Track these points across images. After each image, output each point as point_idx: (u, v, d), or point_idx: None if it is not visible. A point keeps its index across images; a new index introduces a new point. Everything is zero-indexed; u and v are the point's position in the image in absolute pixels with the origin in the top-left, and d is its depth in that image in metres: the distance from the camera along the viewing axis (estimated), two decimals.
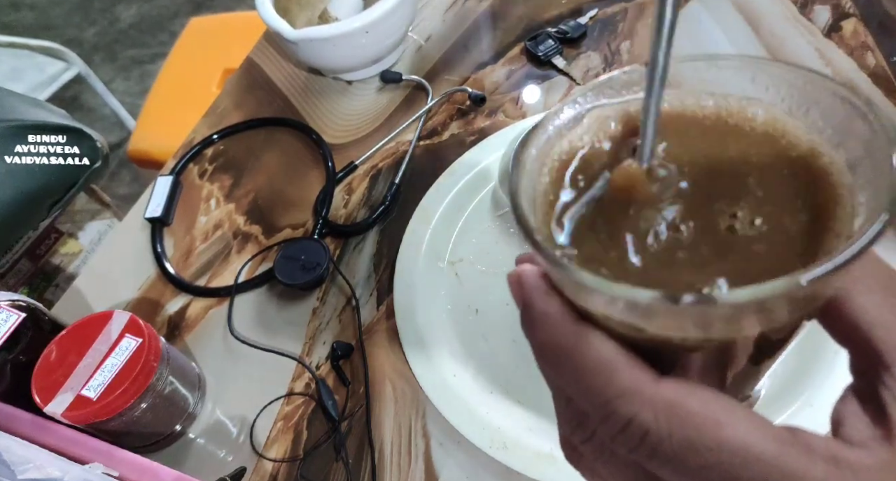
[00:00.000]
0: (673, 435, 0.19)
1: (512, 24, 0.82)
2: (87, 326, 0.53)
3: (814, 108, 0.22)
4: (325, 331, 0.61)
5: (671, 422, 0.19)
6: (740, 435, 0.18)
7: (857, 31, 0.71)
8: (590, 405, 0.21)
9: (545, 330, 0.21)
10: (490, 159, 0.67)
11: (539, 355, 0.22)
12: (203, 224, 0.71)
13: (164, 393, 0.53)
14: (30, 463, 0.43)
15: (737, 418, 0.19)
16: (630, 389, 0.20)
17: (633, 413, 0.19)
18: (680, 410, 0.19)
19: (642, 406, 0.19)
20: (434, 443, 0.53)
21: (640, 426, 0.19)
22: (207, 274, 0.67)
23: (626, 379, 0.20)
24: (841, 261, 0.17)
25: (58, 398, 0.50)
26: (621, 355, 0.20)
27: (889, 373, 0.19)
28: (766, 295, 0.17)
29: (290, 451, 0.55)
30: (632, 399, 0.19)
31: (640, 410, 0.19)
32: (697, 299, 0.17)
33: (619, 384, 0.20)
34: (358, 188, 0.70)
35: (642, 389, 0.19)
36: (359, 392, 0.56)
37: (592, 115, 0.24)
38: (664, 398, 0.19)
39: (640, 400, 0.19)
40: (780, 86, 0.23)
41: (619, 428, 0.20)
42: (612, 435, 0.20)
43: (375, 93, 0.79)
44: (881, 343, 0.20)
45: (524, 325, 0.22)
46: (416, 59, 0.81)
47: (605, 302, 0.20)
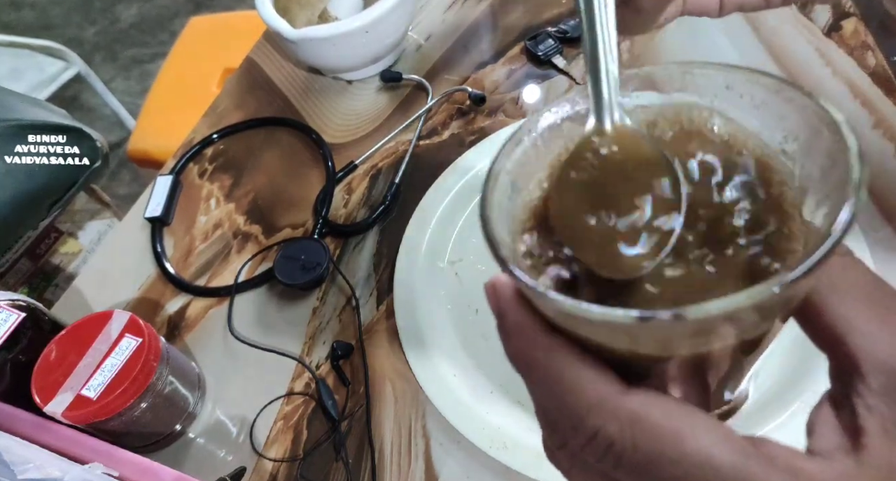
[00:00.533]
0: (637, 447, 0.19)
1: (512, 24, 0.82)
2: (87, 326, 0.53)
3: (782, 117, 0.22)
4: (325, 331, 0.61)
5: (635, 435, 0.19)
6: (702, 446, 0.19)
7: (857, 30, 0.71)
8: (560, 415, 0.21)
9: (518, 341, 0.22)
10: (490, 159, 0.66)
11: (514, 365, 0.23)
12: (203, 224, 0.71)
13: (164, 392, 0.53)
14: (30, 463, 0.43)
15: (700, 430, 0.19)
16: (597, 402, 0.20)
17: (599, 425, 0.20)
18: (644, 423, 0.19)
19: (607, 418, 0.20)
20: (434, 443, 0.53)
21: (606, 438, 0.20)
22: (207, 273, 0.67)
23: (593, 392, 0.20)
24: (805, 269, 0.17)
25: (58, 398, 0.50)
26: (590, 368, 0.20)
27: (864, 382, 0.19)
28: (732, 308, 0.17)
29: (289, 451, 0.55)
30: (598, 412, 0.20)
31: (606, 423, 0.20)
32: (666, 317, 0.17)
33: (587, 397, 0.20)
34: (358, 188, 0.70)
35: (608, 401, 0.20)
36: (359, 392, 0.56)
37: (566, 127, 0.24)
38: (629, 410, 0.20)
39: (605, 413, 0.20)
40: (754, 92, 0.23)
41: (586, 440, 0.20)
42: (581, 446, 0.21)
43: (375, 92, 0.79)
44: (858, 351, 0.20)
45: (500, 335, 0.23)
46: (415, 58, 0.81)
47: (575, 319, 0.20)
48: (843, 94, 0.66)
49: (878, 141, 0.62)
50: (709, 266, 0.21)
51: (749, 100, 0.22)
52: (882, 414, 0.19)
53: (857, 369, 0.20)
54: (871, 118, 0.63)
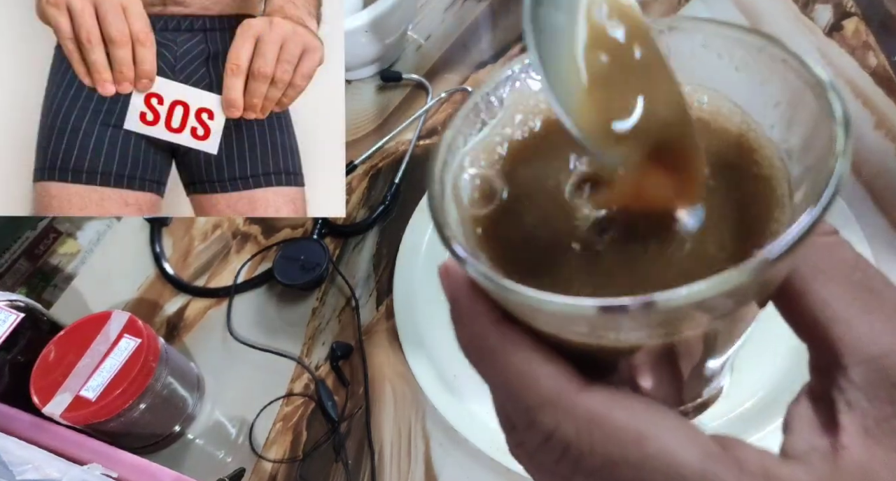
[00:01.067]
0: (594, 450, 0.18)
1: (512, 23, 0.81)
2: (86, 326, 0.53)
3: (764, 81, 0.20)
4: (324, 332, 0.61)
5: (593, 437, 0.18)
6: (666, 449, 0.17)
7: (858, 30, 0.71)
8: (513, 410, 0.20)
9: (469, 329, 0.20)
10: None
11: (465, 353, 0.21)
12: (202, 224, 0.71)
13: (163, 393, 0.53)
14: (28, 463, 0.42)
15: (663, 430, 0.18)
16: (551, 399, 0.18)
17: (554, 425, 0.18)
18: (603, 424, 0.18)
19: (564, 418, 0.18)
20: (434, 444, 0.53)
21: (561, 439, 0.18)
22: (206, 274, 0.67)
23: (547, 388, 0.18)
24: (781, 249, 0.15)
25: (56, 398, 0.50)
26: (545, 360, 0.19)
27: (845, 375, 0.18)
28: (705, 294, 0.15)
29: (289, 452, 0.55)
30: (553, 410, 0.18)
31: (561, 422, 0.18)
32: (633, 305, 0.16)
33: (541, 392, 0.18)
34: (357, 188, 0.70)
35: (563, 399, 0.18)
36: (358, 392, 0.56)
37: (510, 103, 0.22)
38: (587, 410, 0.18)
39: (561, 412, 0.18)
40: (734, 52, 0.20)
41: (541, 440, 0.19)
42: (536, 445, 0.19)
43: (375, 92, 0.79)
44: (839, 341, 0.18)
45: (452, 321, 0.21)
46: (415, 58, 0.81)
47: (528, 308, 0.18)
48: (844, 94, 0.65)
49: (879, 141, 0.62)
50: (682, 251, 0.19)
51: (728, 61, 0.20)
52: (863, 410, 0.17)
53: (839, 360, 0.18)
54: (873, 118, 0.63)
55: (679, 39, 0.21)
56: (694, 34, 0.21)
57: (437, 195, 0.20)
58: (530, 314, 0.19)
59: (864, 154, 0.61)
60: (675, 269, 0.18)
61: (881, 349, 0.17)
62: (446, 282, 0.21)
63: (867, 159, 0.61)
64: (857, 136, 0.63)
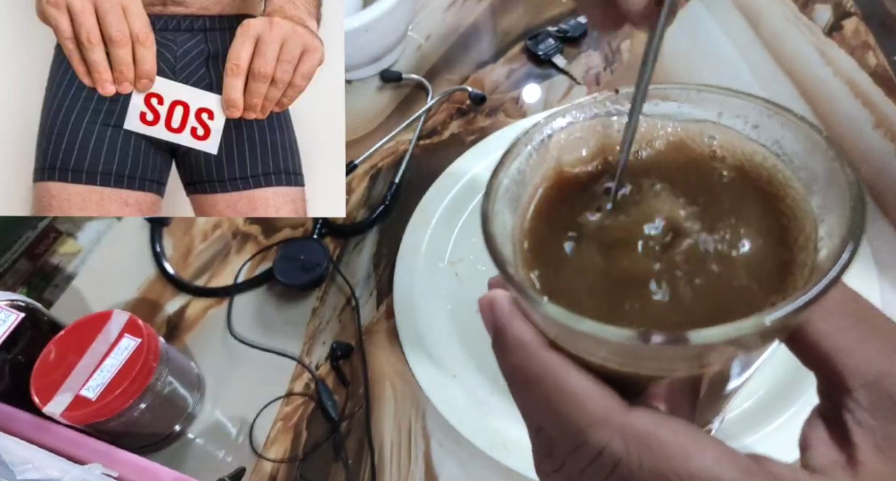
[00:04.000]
0: (643, 465, 0.19)
1: (512, 23, 0.81)
2: (86, 326, 0.53)
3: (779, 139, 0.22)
4: (324, 331, 0.61)
5: (642, 452, 0.19)
6: (708, 464, 0.19)
7: (858, 30, 0.71)
8: (560, 433, 0.21)
9: (516, 356, 0.22)
10: (490, 159, 0.66)
11: (510, 381, 0.22)
12: (202, 223, 0.71)
13: (164, 393, 0.53)
14: (29, 463, 0.42)
15: (705, 448, 0.19)
16: (601, 418, 0.20)
17: (605, 442, 0.19)
18: (651, 440, 0.19)
19: (613, 435, 0.19)
20: (434, 444, 0.53)
21: (612, 455, 0.19)
22: (207, 274, 0.67)
23: (596, 408, 0.20)
24: (807, 299, 0.17)
25: (57, 398, 0.50)
26: (591, 384, 0.20)
27: (851, 397, 0.20)
28: (734, 334, 0.17)
29: (289, 452, 0.55)
30: (602, 428, 0.20)
31: (612, 439, 0.19)
32: (668, 339, 0.17)
33: (590, 413, 0.20)
34: (357, 188, 0.70)
35: (613, 418, 0.20)
36: (358, 392, 0.56)
37: (562, 139, 0.24)
38: (635, 427, 0.19)
39: (610, 430, 0.19)
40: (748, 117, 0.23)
41: (591, 458, 0.20)
42: (583, 466, 0.20)
43: (375, 92, 0.79)
44: (842, 367, 0.20)
45: (495, 350, 0.23)
46: (415, 58, 0.81)
47: (575, 336, 0.20)
48: (844, 93, 0.66)
49: (878, 141, 0.62)
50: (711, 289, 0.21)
51: (743, 121, 0.23)
52: (872, 428, 0.19)
53: (844, 385, 0.20)
54: (872, 118, 0.63)
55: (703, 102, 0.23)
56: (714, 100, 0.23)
57: (494, 232, 0.21)
58: (575, 342, 0.20)
59: (863, 154, 0.61)
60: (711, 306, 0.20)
61: (880, 373, 0.19)
62: (489, 314, 0.22)
63: (867, 159, 0.61)
64: (857, 136, 0.63)
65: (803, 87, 0.67)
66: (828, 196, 0.21)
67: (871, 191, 0.59)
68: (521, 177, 0.24)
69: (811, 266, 0.20)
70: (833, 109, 0.65)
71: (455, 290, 0.60)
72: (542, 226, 0.23)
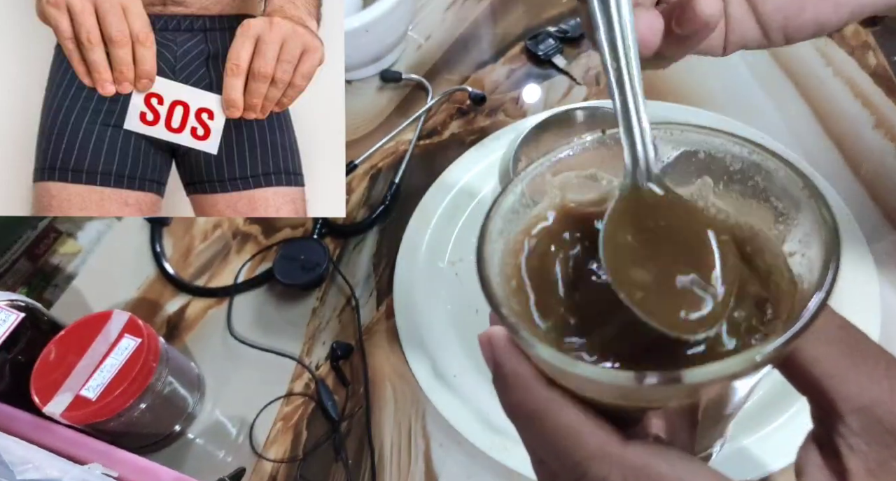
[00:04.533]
0: None
1: (512, 24, 0.81)
2: (86, 326, 0.53)
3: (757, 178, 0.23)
4: (324, 331, 0.61)
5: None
6: None
7: (857, 30, 0.71)
8: (560, 467, 0.21)
9: (515, 393, 0.22)
10: (490, 159, 0.66)
11: (510, 416, 0.23)
12: (202, 223, 0.71)
13: (164, 393, 0.53)
14: (29, 463, 0.42)
15: (700, 477, 0.19)
16: (598, 452, 0.20)
17: (603, 475, 0.20)
18: (648, 472, 0.20)
19: (611, 468, 0.20)
20: (434, 444, 0.53)
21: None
22: (207, 274, 0.67)
23: (594, 443, 0.20)
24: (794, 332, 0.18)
25: (57, 398, 0.50)
26: (587, 419, 0.21)
27: (843, 423, 0.20)
28: (727, 372, 0.18)
29: (289, 452, 0.55)
30: (601, 462, 0.20)
31: (610, 473, 0.20)
32: (662, 380, 0.18)
33: (588, 447, 0.20)
34: (357, 188, 0.70)
35: (610, 452, 0.20)
36: (358, 392, 0.56)
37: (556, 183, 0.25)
38: (632, 460, 0.20)
39: (608, 463, 0.20)
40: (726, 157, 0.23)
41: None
42: None
43: (375, 92, 0.79)
44: (834, 393, 0.20)
45: (496, 387, 0.23)
46: (415, 58, 0.81)
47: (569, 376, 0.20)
48: (844, 93, 0.66)
49: (878, 141, 0.62)
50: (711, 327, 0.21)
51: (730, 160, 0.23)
52: (864, 453, 0.20)
53: (836, 411, 0.20)
54: (872, 118, 0.63)
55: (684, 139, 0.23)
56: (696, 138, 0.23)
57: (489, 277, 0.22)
58: (570, 380, 0.21)
59: (863, 153, 0.61)
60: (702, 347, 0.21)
61: (870, 399, 0.20)
62: (488, 350, 0.23)
63: (866, 159, 0.61)
64: (857, 136, 0.63)
65: (803, 87, 0.67)
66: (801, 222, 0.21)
67: (870, 192, 0.59)
68: (516, 217, 0.24)
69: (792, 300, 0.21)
70: (833, 109, 0.65)
71: (455, 290, 0.60)
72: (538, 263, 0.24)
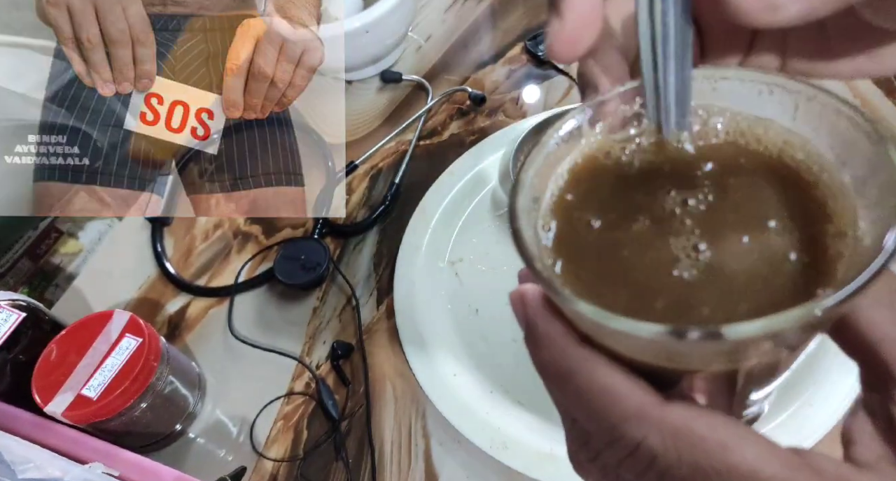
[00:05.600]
0: (682, 459, 0.18)
1: (512, 24, 0.82)
2: (88, 326, 0.53)
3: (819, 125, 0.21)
4: (325, 331, 0.61)
5: (679, 447, 0.18)
6: (749, 459, 0.18)
7: None
8: (595, 427, 0.20)
9: (548, 351, 0.21)
10: (490, 159, 0.67)
11: (543, 375, 0.22)
12: (203, 223, 0.71)
13: (165, 392, 0.53)
14: (30, 462, 0.43)
15: (745, 442, 0.18)
16: (636, 413, 0.19)
17: (641, 437, 0.19)
18: (688, 434, 0.18)
19: (649, 430, 0.19)
20: (434, 443, 0.53)
21: (648, 451, 0.19)
22: (207, 273, 0.67)
23: (631, 404, 0.19)
24: (857, 286, 0.16)
25: (58, 398, 0.50)
26: (625, 379, 0.20)
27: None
28: (776, 327, 0.16)
29: (290, 451, 0.55)
30: (639, 423, 0.19)
31: (648, 434, 0.19)
32: (704, 334, 0.16)
33: (625, 408, 0.19)
34: (358, 188, 0.70)
35: (649, 413, 0.19)
36: (359, 391, 0.56)
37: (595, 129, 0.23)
38: (671, 422, 0.19)
39: (647, 425, 0.19)
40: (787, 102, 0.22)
41: (627, 453, 0.19)
42: (619, 459, 0.20)
43: (375, 92, 0.79)
44: (890, 358, 0.19)
45: (528, 345, 0.22)
46: (416, 58, 0.81)
47: (606, 332, 0.19)
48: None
49: None
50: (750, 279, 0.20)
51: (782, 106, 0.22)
52: None
53: (892, 377, 0.19)
54: None
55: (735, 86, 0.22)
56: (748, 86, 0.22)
57: (521, 229, 0.20)
58: (607, 337, 0.20)
59: None
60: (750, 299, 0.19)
61: None
62: (520, 308, 0.22)
63: None
64: None
65: None
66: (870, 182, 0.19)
67: None
68: (547, 169, 0.23)
69: (851, 255, 0.19)
70: None
71: (455, 290, 0.60)
72: (568, 215, 0.22)
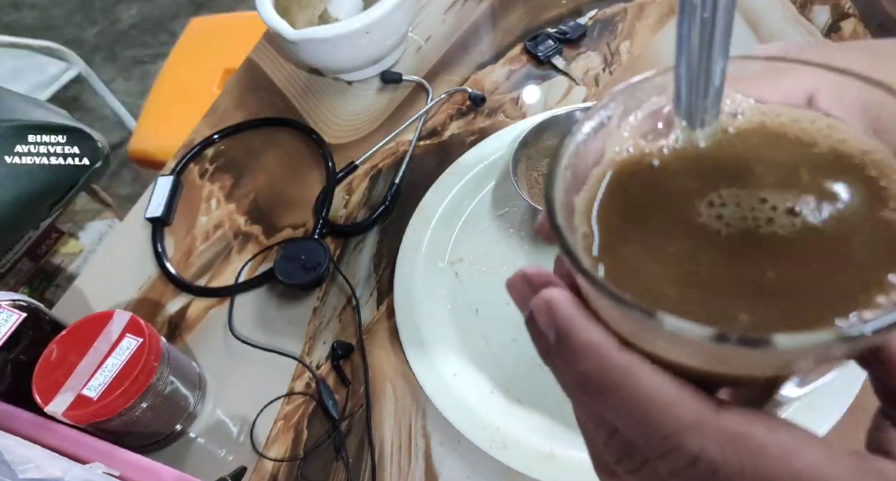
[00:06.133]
0: (745, 469, 0.18)
1: (512, 25, 0.82)
2: (88, 326, 0.53)
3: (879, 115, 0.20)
4: (325, 331, 0.61)
5: (741, 456, 0.18)
6: (812, 464, 0.17)
7: (856, 31, 0.71)
8: (644, 438, 0.19)
9: (587, 362, 0.19)
10: (490, 159, 0.67)
11: (582, 388, 0.20)
12: (203, 224, 0.71)
13: (165, 392, 0.53)
14: (31, 462, 0.43)
15: (805, 445, 0.18)
16: (692, 423, 0.18)
17: (699, 448, 0.18)
18: (748, 442, 0.18)
19: (707, 440, 0.18)
20: (434, 443, 0.53)
21: (710, 462, 0.18)
22: (208, 274, 0.67)
23: (686, 413, 0.18)
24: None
25: (58, 398, 0.50)
26: (675, 386, 0.19)
27: None
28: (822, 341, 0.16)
29: (290, 451, 0.55)
30: (695, 433, 0.18)
31: (706, 445, 0.18)
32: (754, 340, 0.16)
33: (680, 418, 0.18)
34: (358, 188, 0.70)
35: (705, 422, 0.18)
36: (359, 391, 0.57)
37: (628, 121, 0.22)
38: (729, 430, 0.18)
39: (703, 434, 0.18)
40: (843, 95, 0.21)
41: (685, 464, 0.18)
42: (673, 470, 0.19)
43: (375, 93, 0.79)
44: None
45: (558, 358, 0.20)
46: (416, 59, 0.81)
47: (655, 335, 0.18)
48: None
49: None
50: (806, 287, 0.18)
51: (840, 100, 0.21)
52: None
53: None
54: None
55: None
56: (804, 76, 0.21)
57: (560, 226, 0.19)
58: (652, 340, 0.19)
59: None
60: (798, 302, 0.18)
61: None
62: (547, 318, 0.20)
63: None
64: None
65: None
66: None
67: None
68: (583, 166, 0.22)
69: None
70: None
71: (455, 290, 0.60)
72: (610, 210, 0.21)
